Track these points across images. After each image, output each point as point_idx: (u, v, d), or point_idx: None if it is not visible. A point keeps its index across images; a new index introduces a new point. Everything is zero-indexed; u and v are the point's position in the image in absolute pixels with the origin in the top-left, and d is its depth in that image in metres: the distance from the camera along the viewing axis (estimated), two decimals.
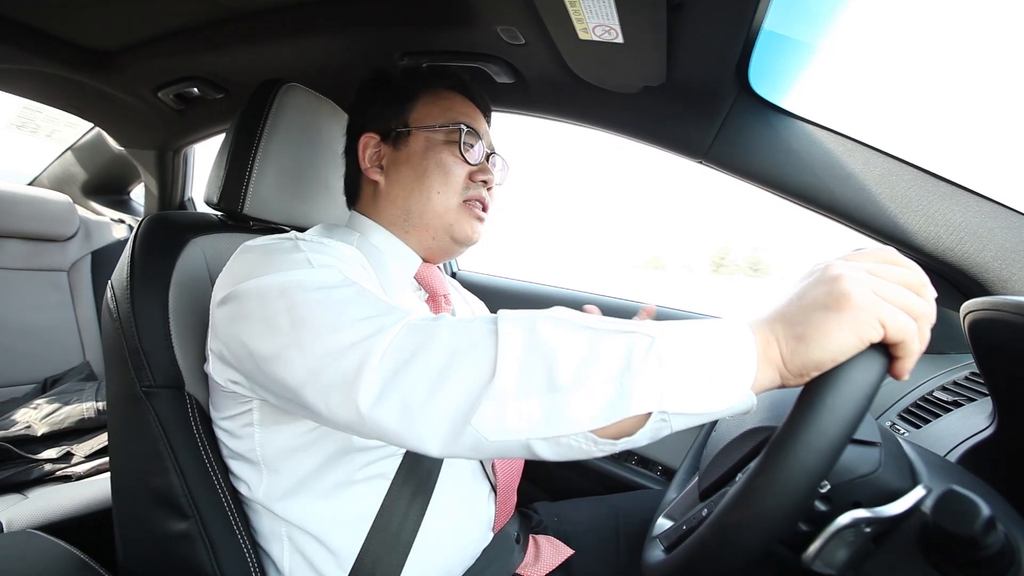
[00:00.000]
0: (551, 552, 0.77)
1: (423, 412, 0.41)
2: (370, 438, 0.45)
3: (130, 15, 0.96)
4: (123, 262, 0.71)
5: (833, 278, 0.37)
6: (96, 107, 1.38)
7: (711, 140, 0.86)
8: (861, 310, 0.35)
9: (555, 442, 0.39)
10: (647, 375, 0.37)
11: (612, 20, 0.64)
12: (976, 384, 0.70)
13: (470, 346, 0.41)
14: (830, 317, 0.35)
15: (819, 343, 0.35)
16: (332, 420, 0.46)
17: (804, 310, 0.37)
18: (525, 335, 0.40)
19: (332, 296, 0.49)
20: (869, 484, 0.40)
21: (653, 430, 0.38)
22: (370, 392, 0.42)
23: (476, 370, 0.40)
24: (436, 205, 0.71)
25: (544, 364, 0.39)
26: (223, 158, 0.79)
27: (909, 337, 0.35)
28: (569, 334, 0.40)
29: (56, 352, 1.46)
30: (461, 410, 0.40)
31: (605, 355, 0.38)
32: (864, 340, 0.35)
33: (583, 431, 0.38)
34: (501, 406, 0.39)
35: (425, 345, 0.42)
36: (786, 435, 0.34)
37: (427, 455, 0.43)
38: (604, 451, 0.39)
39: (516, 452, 0.40)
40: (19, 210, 1.44)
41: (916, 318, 0.36)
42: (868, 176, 0.77)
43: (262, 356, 0.49)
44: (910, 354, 0.36)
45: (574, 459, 0.41)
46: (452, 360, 0.41)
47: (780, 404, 0.49)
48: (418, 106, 0.74)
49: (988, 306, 0.47)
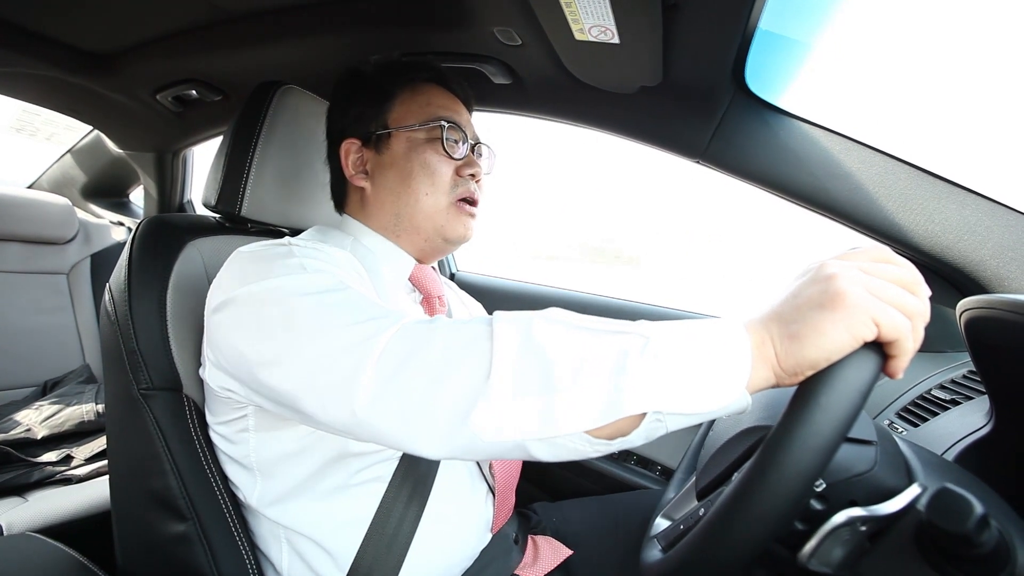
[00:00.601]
0: (550, 553, 0.77)
1: (419, 413, 0.41)
2: (366, 440, 0.45)
3: (128, 18, 0.96)
4: (121, 264, 0.71)
5: (827, 277, 0.37)
6: (95, 110, 1.38)
7: (708, 140, 0.86)
8: (855, 309, 0.35)
9: (551, 443, 0.39)
10: (642, 376, 0.37)
11: (608, 21, 0.64)
12: (974, 382, 0.70)
13: (465, 348, 0.41)
14: (824, 316, 0.35)
15: (813, 342, 0.35)
16: (328, 424, 0.46)
17: (798, 309, 0.37)
18: (520, 336, 0.40)
19: (327, 300, 0.49)
20: (865, 483, 0.40)
21: (648, 430, 0.38)
22: (366, 394, 0.42)
23: (472, 371, 0.40)
24: (425, 207, 0.70)
25: (539, 365, 0.39)
26: (221, 160, 0.79)
27: (903, 336, 0.35)
28: (564, 335, 0.40)
29: (56, 355, 1.46)
30: (457, 411, 0.40)
31: (600, 356, 0.38)
32: (858, 339, 0.35)
33: (578, 432, 0.38)
34: (497, 407, 0.39)
35: (421, 347, 0.42)
36: (780, 434, 0.34)
37: (422, 456, 0.43)
38: (600, 451, 0.39)
39: (512, 453, 0.40)
40: (18, 213, 1.44)
41: (910, 316, 0.36)
42: (865, 175, 0.77)
43: (257, 362, 0.49)
44: (904, 352, 0.36)
45: (570, 460, 0.41)
46: (448, 362, 0.41)
47: (775, 404, 0.49)
48: (396, 105, 0.72)
49: (985, 304, 0.47)
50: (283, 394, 0.48)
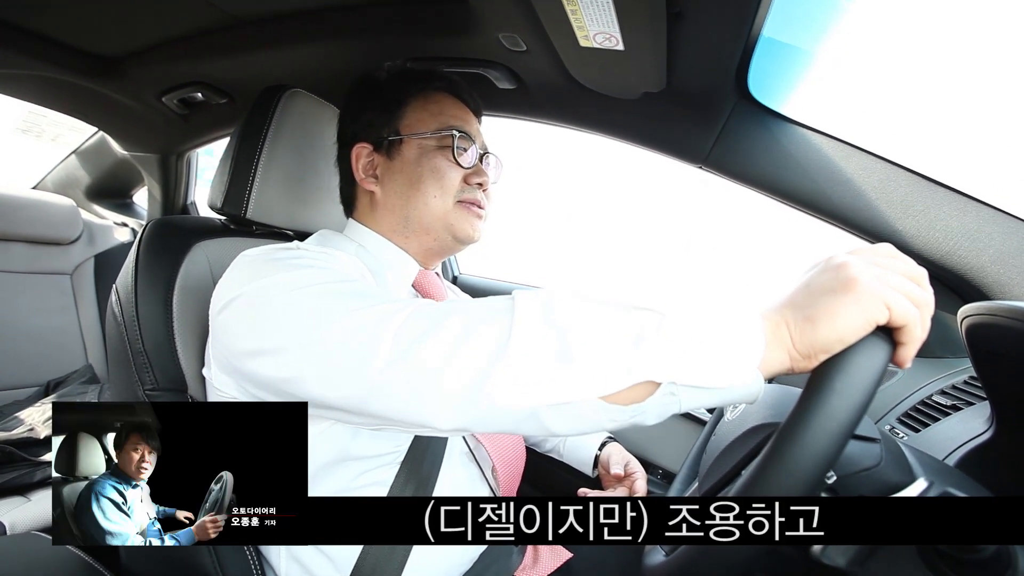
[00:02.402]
0: (550, 556, 0.77)
1: (436, 380, 0.41)
2: (377, 414, 0.44)
3: (135, 21, 0.97)
4: (128, 266, 0.71)
5: (839, 265, 0.38)
6: (100, 112, 1.39)
7: (710, 145, 0.87)
8: (868, 292, 0.36)
9: (565, 410, 0.40)
10: (658, 347, 0.38)
11: (613, 28, 0.65)
12: (974, 388, 0.70)
13: (485, 318, 0.43)
14: (838, 299, 0.37)
15: (828, 323, 0.36)
16: (338, 402, 0.46)
17: (812, 295, 0.38)
18: (541, 308, 0.42)
19: (336, 289, 0.50)
20: (872, 477, 0.40)
21: (662, 404, 0.39)
22: (381, 363, 0.43)
23: (491, 339, 0.41)
24: (434, 209, 0.71)
25: (558, 334, 0.40)
26: (227, 163, 0.79)
27: (913, 322, 0.37)
28: (583, 307, 0.41)
29: (59, 355, 1.47)
30: (475, 376, 0.40)
31: (617, 328, 0.39)
32: (871, 322, 0.36)
33: (593, 397, 0.39)
34: (514, 373, 0.40)
35: (439, 321, 0.43)
36: (795, 421, 0.35)
37: (435, 430, 0.43)
38: (614, 420, 0.40)
39: (526, 423, 0.41)
40: (23, 214, 1.45)
41: (918, 306, 0.37)
42: (866, 181, 0.78)
43: (266, 352, 0.49)
44: (913, 339, 0.37)
45: (583, 432, 0.41)
46: (467, 330, 0.42)
47: (781, 403, 0.49)
48: (408, 112, 0.73)
49: (985, 311, 0.47)
50: (289, 381, 0.48)
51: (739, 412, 0.54)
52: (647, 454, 1.08)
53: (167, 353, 0.68)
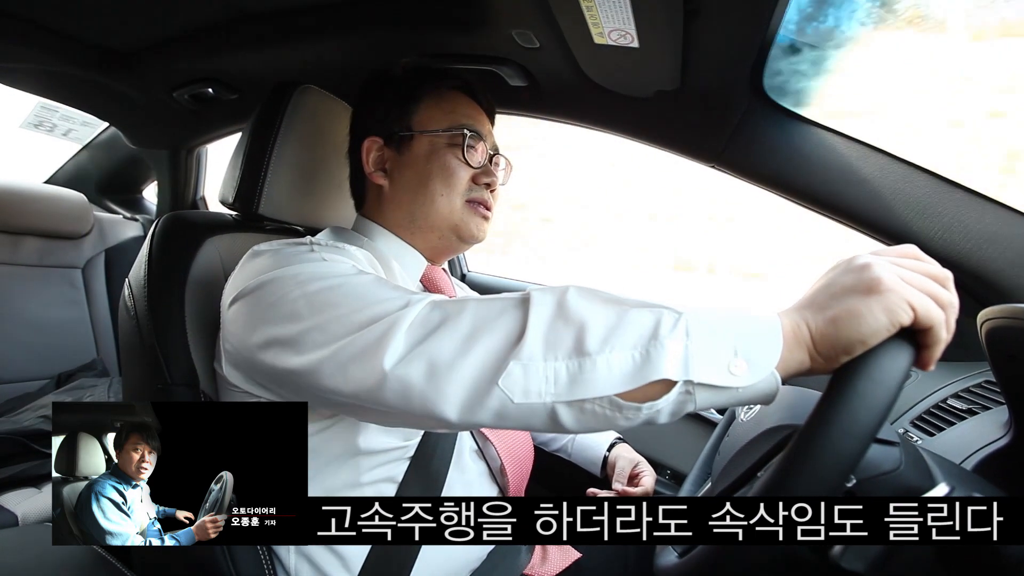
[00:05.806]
0: (558, 555, 0.77)
1: (449, 371, 0.41)
2: (389, 407, 0.44)
3: (146, 16, 0.97)
4: (140, 260, 0.71)
5: (862, 266, 0.38)
6: (112, 106, 1.40)
7: (724, 144, 0.86)
8: (892, 293, 0.35)
9: (579, 407, 0.39)
10: (674, 345, 0.37)
11: (628, 25, 0.64)
12: (991, 392, 0.69)
13: (499, 313, 0.43)
14: (860, 300, 0.36)
15: (850, 324, 0.36)
16: (348, 391, 0.45)
17: (834, 296, 0.38)
18: (555, 304, 0.41)
19: (352, 280, 0.50)
20: (892, 481, 0.40)
21: (677, 402, 0.38)
22: (395, 353, 0.42)
23: (505, 333, 0.41)
24: (440, 207, 0.71)
25: (572, 330, 0.40)
26: (238, 158, 0.79)
27: (938, 323, 0.36)
28: (598, 305, 0.41)
29: (69, 348, 1.48)
30: (488, 370, 0.40)
31: (633, 325, 0.39)
32: (895, 323, 0.35)
33: (607, 395, 0.38)
34: (528, 367, 0.39)
35: (453, 315, 0.43)
36: (816, 424, 0.34)
37: (446, 423, 0.42)
38: (628, 419, 0.39)
39: (538, 420, 0.41)
40: (35, 208, 1.46)
41: (943, 307, 0.37)
42: (883, 182, 0.77)
43: (280, 343, 0.49)
44: (938, 341, 0.36)
45: (596, 429, 0.41)
46: (481, 324, 0.42)
47: (798, 405, 0.48)
48: (421, 108, 0.73)
49: (1006, 314, 0.46)
50: (300, 374, 0.47)
51: (754, 413, 0.54)
52: (656, 454, 1.08)
53: (179, 347, 0.68)
